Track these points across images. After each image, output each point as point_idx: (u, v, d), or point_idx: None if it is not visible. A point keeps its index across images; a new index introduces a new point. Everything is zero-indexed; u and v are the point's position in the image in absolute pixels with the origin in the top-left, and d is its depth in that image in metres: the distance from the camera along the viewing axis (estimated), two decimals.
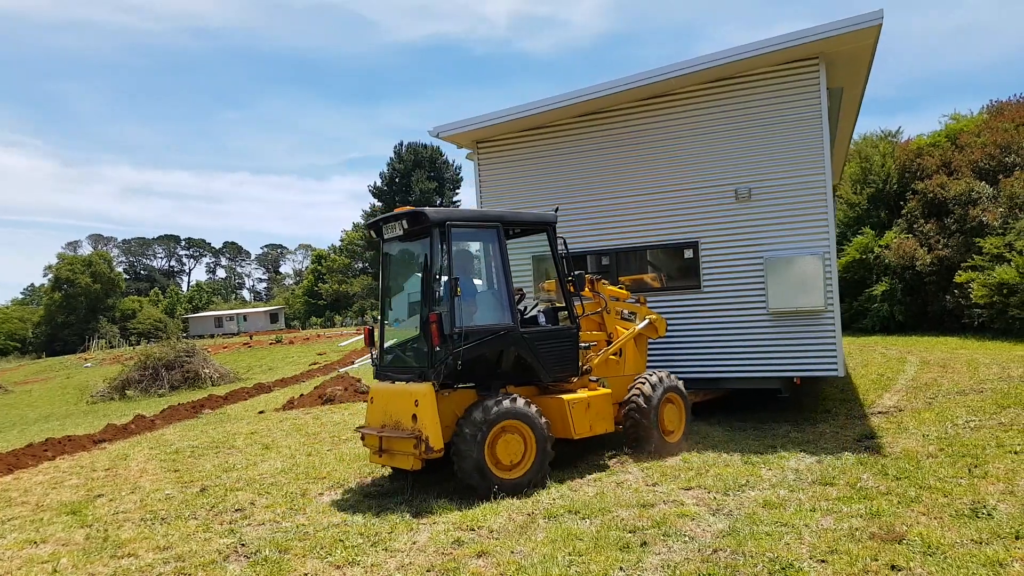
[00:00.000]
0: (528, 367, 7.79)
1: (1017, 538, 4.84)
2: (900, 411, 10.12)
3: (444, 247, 7.38)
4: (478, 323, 7.57)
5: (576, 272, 8.37)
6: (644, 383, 8.49)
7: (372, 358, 8.24)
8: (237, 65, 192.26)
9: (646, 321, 9.58)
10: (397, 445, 7.17)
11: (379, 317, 8.49)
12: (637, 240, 11.25)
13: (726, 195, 10.49)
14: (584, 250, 11.33)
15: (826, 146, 10.06)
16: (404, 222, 7.69)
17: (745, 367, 10.39)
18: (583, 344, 8.35)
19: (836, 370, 9.91)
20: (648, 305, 10.11)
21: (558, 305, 8.81)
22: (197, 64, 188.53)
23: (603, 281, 9.44)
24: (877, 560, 4.64)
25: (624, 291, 9.90)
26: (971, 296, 21.66)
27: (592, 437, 8.05)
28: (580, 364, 8.22)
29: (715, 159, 10.57)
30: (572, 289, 8.27)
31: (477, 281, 8.22)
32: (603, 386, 8.40)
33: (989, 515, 5.33)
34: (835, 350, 9.89)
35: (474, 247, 8.41)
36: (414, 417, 7.03)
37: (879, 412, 10.22)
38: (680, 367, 10.23)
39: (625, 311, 9.71)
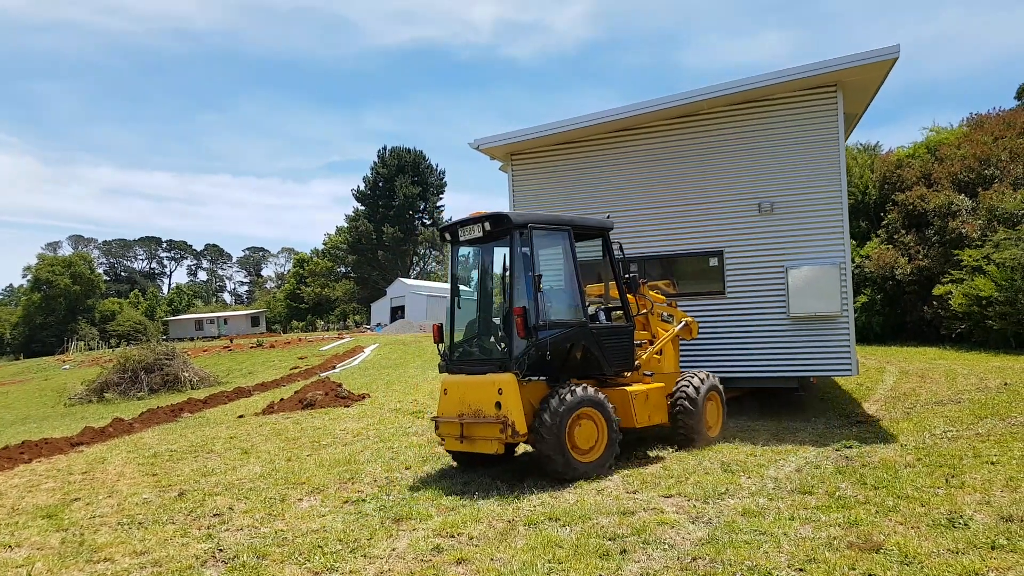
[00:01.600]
0: (593, 361, 8.41)
1: (993, 548, 4.89)
2: (879, 421, 10.21)
3: (526, 247, 8.08)
4: (555, 318, 8.13)
5: (630, 275, 9.21)
6: (690, 381, 9.26)
7: (442, 353, 8.74)
8: (218, 67, 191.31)
9: (683, 323, 10.31)
10: (480, 431, 7.70)
11: (449, 314, 8.92)
12: (665, 248, 12.02)
13: (750, 208, 11.39)
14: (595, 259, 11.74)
15: (842, 165, 11.01)
16: (486, 225, 8.27)
17: (766, 367, 11.22)
18: (637, 341, 9.03)
19: (850, 370, 10.84)
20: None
21: (608, 306, 9.41)
22: (178, 65, 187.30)
23: (647, 285, 10.05)
24: (855, 569, 4.67)
25: (661, 295, 10.56)
26: (950, 307, 21.91)
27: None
28: (635, 360, 8.88)
29: (740, 175, 11.48)
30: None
31: (551, 280, 8.77)
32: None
33: (966, 525, 5.38)
34: (849, 352, 10.81)
35: (548, 248, 8.95)
36: (498, 405, 7.58)
37: (858, 422, 10.31)
38: (704, 367, 10.72)
39: (664, 313, 10.35)
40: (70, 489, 8.77)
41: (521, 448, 8.94)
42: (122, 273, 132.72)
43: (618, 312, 9.12)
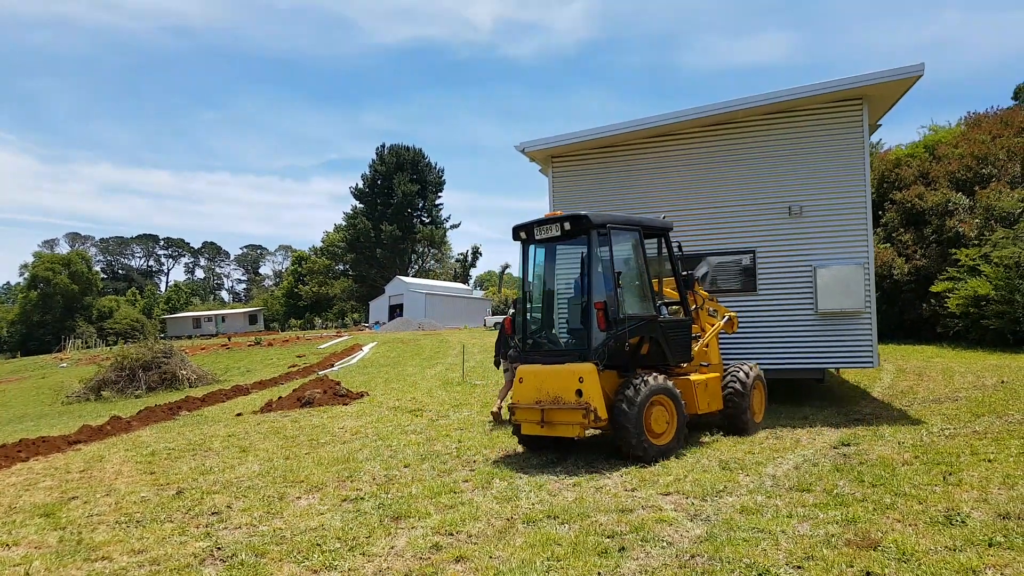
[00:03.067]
0: (658, 352, 9.08)
1: (990, 545, 4.90)
2: (877, 418, 10.23)
3: (605, 246, 8.67)
4: (631, 312, 8.77)
5: (687, 272, 9.84)
6: (740, 372, 9.98)
7: (514, 344, 9.39)
8: (217, 64, 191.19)
9: (726, 318, 10.89)
10: (561, 416, 8.23)
11: (521, 308, 9.47)
12: (699, 247, 12.50)
13: (780, 211, 12.21)
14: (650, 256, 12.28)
15: (867, 172, 11.85)
16: (566, 225, 8.78)
17: (794, 359, 12.05)
18: (694, 335, 9.81)
19: (872, 362, 11.69)
20: None
21: (664, 301, 9.86)
22: (177, 63, 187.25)
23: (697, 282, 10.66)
24: (852, 566, 4.68)
25: (705, 292, 11.02)
26: (947, 305, 21.94)
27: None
28: (691, 352, 9.61)
29: (771, 179, 12.29)
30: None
31: (625, 276, 9.20)
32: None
33: (963, 522, 5.39)
34: (871, 345, 11.68)
35: (621, 247, 9.32)
36: (578, 392, 8.12)
37: (856, 419, 10.32)
38: (736, 359, 11.22)
39: (711, 308, 10.88)
40: (68, 487, 8.75)
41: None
42: (119, 271, 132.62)
43: (675, 307, 9.84)
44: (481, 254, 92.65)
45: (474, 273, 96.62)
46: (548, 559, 5.15)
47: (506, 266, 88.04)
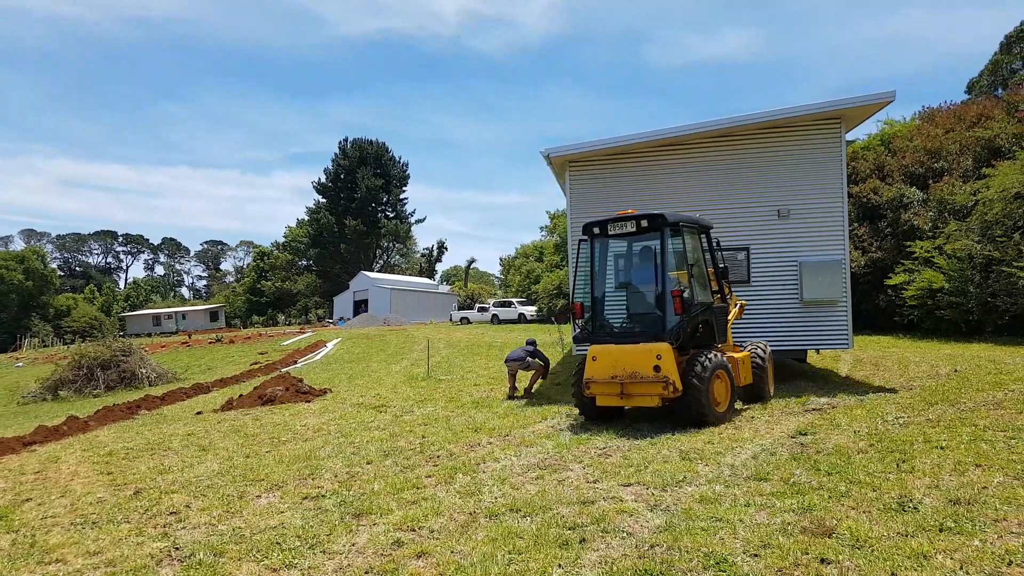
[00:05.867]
0: (709, 334, 10.48)
1: (941, 531, 5.02)
2: (833, 408, 10.42)
3: (679, 241, 10.13)
4: (698, 299, 10.23)
5: (723, 265, 11.11)
6: (758, 350, 11.60)
7: (582, 327, 10.71)
8: (176, 56, 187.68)
9: (738, 305, 12.35)
10: (640, 389, 9.51)
11: (590, 296, 10.77)
12: None
13: (771, 213, 14.03)
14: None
15: (843, 181, 13.74)
16: (643, 222, 10.08)
17: (781, 341, 13.80)
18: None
19: (847, 344, 13.76)
20: None
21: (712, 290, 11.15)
22: (136, 54, 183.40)
23: None
24: (808, 554, 4.77)
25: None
26: (903, 296, 22.43)
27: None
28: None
29: (763, 186, 14.08)
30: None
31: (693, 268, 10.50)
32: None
33: (915, 509, 5.51)
34: (847, 329, 13.69)
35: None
36: (656, 368, 9.37)
37: (813, 409, 10.50)
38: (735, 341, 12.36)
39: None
40: (22, 489, 8.54)
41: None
42: (77, 268, 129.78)
43: (716, 295, 11.00)
44: (447, 249, 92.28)
45: (440, 268, 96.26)
46: (509, 552, 5.16)
47: (472, 260, 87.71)
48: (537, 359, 14.10)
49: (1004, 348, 17.50)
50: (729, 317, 11.48)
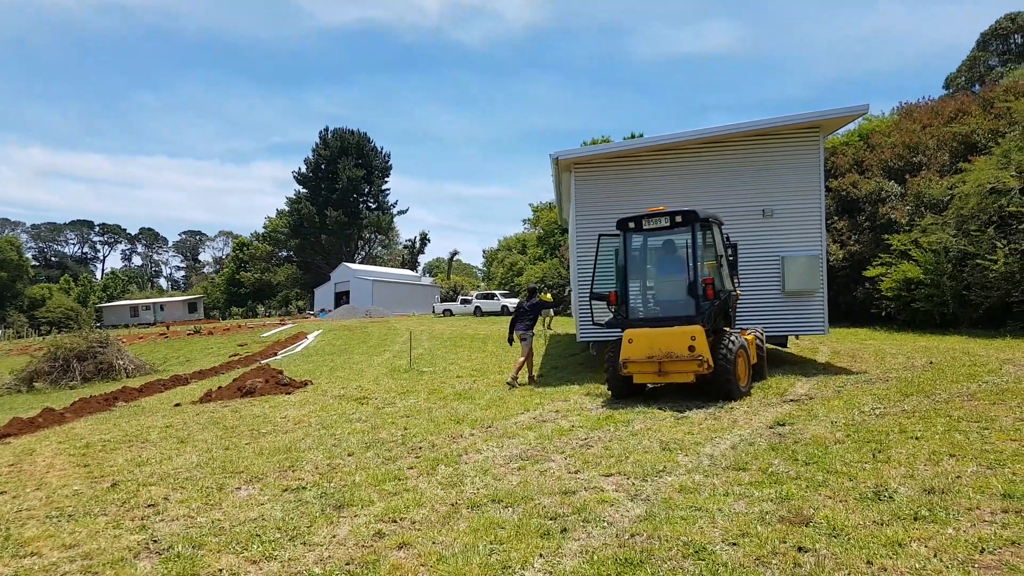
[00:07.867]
0: (726, 318, 11.88)
1: (916, 519, 5.09)
2: (811, 399, 10.52)
3: (710, 234, 11.54)
4: (725, 286, 11.63)
5: (732, 257, 12.30)
6: (759, 333, 12.74)
7: (617, 312, 11.80)
8: (156, 45, 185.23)
9: (737, 296, 13.11)
10: (676, 367, 10.55)
11: (624, 284, 11.92)
12: None
13: (756, 212, 15.40)
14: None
15: (821, 183, 15.32)
16: (677, 218, 11.12)
17: (766, 327, 14.58)
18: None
19: (824, 330, 15.42)
20: None
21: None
22: (113, 43, 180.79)
23: None
24: (785, 542, 4.82)
25: None
26: (880, 289, 22.67)
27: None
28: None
29: (750, 188, 15.46)
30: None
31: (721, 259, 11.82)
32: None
33: (891, 498, 5.59)
34: (823, 317, 15.36)
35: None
36: (691, 348, 10.41)
37: (791, 400, 10.59)
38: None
39: None
40: None
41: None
42: (52, 258, 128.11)
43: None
44: (429, 240, 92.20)
45: (422, 260, 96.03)
46: (491, 543, 5.18)
47: (455, 252, 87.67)
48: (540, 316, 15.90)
49: (978, 340, 17.74)
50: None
